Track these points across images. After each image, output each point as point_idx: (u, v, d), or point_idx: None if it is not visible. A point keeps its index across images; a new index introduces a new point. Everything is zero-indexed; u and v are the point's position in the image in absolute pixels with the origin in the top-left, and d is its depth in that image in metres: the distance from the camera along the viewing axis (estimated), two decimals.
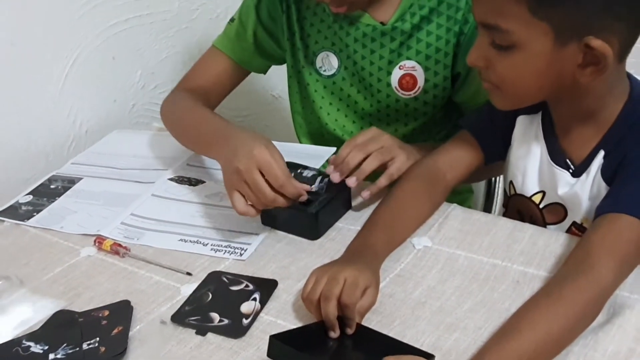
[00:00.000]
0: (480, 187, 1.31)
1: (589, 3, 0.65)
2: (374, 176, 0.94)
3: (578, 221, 0.81)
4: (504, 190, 0.92)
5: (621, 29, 0.67)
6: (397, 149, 0.89)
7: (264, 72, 1.14)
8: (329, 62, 1.04)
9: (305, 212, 0.82)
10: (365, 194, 0.85)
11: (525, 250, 0.77)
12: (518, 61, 0.70)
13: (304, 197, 0.81)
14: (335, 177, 0.85)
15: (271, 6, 1.05)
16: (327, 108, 1.07)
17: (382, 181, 0.86)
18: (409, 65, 0.99)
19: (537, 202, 0.84)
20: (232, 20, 1.09)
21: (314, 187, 0.86)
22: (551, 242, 0.78)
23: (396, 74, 1.00)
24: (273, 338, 0.64)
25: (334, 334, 0.66)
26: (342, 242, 0.80)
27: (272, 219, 0.85)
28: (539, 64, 0.70)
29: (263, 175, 0.78)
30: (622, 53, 0.70)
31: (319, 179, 0.87)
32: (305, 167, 0.91)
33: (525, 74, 0.71)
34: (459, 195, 1.16)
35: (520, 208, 0.88)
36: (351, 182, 0.85)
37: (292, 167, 0.89)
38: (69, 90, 1.15)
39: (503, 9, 0.68)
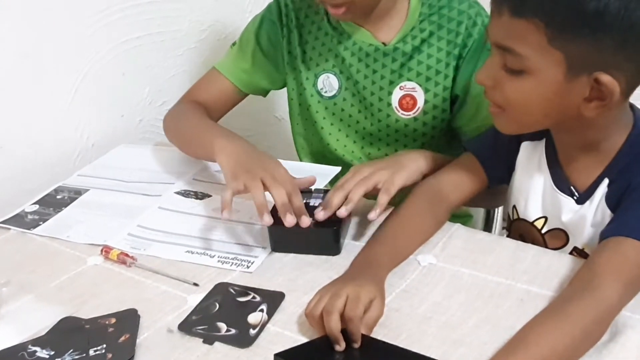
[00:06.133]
0: (479, 212, 1.32)
1: (605, 40, 0.66)
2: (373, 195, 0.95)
3: (579, 247, 0.83)
4: (507, 214, 0.94)
5: (630, 69, 0.68)
6: (379, 171, 0.88)
7: (263, 95, 1.17)
8: (329, 84, 1.06)
9: (325, 228, 0.83)
10: (372, 214, 0.84)
11: (528, 270, 0.78)
12: (527, 86, 0.71)
13: (307, 222, 0.81)
14: (320, 215, 0.83)
15: (271, 31, 1.07)
16: (328, 129, 1.10)
17: (382, 197, 0.85)
18: (409, 86, 1.01)
19: (540, 227, 0.86)
20: (233, 44, 1.12)
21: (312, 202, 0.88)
22: (554, 262, 0.79)
23: (397, 94, 1.02)
24: (277, 356, 0.65)
25: (339, 347, 0.66)
26: (347, 257, 0.81)
27: (284, 243, 0.84)
28: (547, 92, 0.70)
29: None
30: (627, 91, 0.72)
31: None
32: (310, 194, 0.90)
33: (532, 100, 0.72)
34: (459, 219, 1.17)
35: (522, 232, 0.89)
36: (342, 212, 0.83)
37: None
38: (78, 103, 1.16)
39: (521, 33, 0.68)
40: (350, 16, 0.97)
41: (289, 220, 0.79)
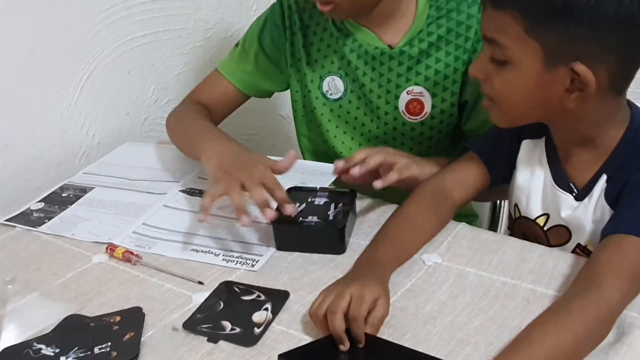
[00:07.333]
0: (484, 211, 1.32)
1: (577, 30, 0.67)
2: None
3: (582, 243, 0.83)
4: (509, 212, 0.93)
5: (610, 60, 0.69)
6: (400, 155, 0.91)
7: (267, 96, 1.16)
8: (335, 86, 1.05)
9: (330, 227, 0.83)
10: (378, 183, 0.87)
11: (534, 270, 0.78)
12: (511, 77, 0.73)
13: (292, 211, 0.81)
14: (339, 165, 0.87)
15: (274, 34, 1.07)
16: (333, 131, 1.09)
17: (392, 175, 0.88)
18: (416, 91, 1.00)
19: (542, 224, 0.86)
20: (236, 45, 1.12)
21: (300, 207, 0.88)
22: (560, 263, 0.79)
23: (404, 98, 1.01)
24: (281, 357, 0.65)
25: (344, 347, 0.66)
26: (351, 256, 0.81)
27: (289, 242, 0.84)
28: (529, 83, 0.72)
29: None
30: (617, 85, 0.72)
31: (332, 206, 0.88)
32: (315, 192, 0.91)
33: (517, 91, 0.74)
34: (464, 218, 1.17)
35: (525, 230, 0.89)
36: (355, 171, 0.86)
37: (302, 191, 0.91)
38: (83, 101, 1.16)
39: (501, 24, 0.71)
40: (338, 15, 0.96)
41: (268, 215, 0.79)
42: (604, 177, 0.77)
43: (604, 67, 0.69)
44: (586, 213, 0.79)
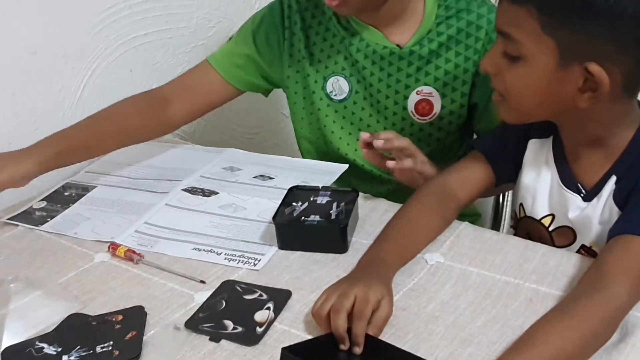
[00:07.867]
0: (487, 210, 1.32)
1: (595, 29, 0.67)
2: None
3: (587, 244, 0.82)
4: (514, 212, 0.93)
5: (626, 62, 0.68)
6: (420, 152, 0.93)
7: (262, 93, 1.14)
8: (339, 87, 1.04)
9: (332, 226, 0.83)
10: (391, 163, 0.89)
11: (537, 269, 0.78)
12: (523, 73, 0.72)
13: None
14: (365, 136, 0.89)
15: (271, 33, 1.05)
16: (338, 132, 1.08)
17: (407, 162, 0.90)
18: (426, 91, 1.00)
19: (547, 225, 0.86)
20: (230, 38, 1.11)
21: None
22: (563, 262, 0.78)
23: (413, 98, 1.01)
24: (285, 350, 0.65)
25: (344, 346, 0.66)
26: (354, 255, 0.81)
27: (291, 241, 0.84)
28: (541, 80, 0.72)
29: None
30: (630, 86, 0.72)
31: (334, 205, 0.88)
32: (317, 191, 0.91)
33: (528, 87, 0.73)
34: (467, 217, 1.17)
35: (529, 230, 0.89)
36: (379, 143, 0.87)
37: (304, 190, 0.90)
38: (85, 100, 1.16)
39: (517, 19, 0.70)
40: (346, 10, 0.95)
41: None
42: (614, 178, 0.77)
43: (619, 68, 0.68)
44: (594, 214, 0.79)
